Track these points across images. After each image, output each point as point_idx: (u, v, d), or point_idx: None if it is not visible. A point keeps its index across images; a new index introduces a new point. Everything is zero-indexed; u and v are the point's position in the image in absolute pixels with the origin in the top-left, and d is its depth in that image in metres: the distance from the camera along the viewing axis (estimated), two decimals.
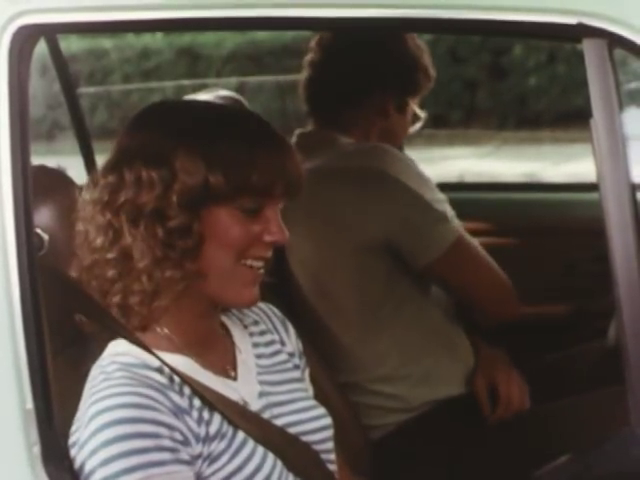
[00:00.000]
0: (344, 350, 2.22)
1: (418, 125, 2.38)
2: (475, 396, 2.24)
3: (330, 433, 1.65)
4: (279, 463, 1.53)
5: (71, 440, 1.46)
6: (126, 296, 1.50)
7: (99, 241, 1.51)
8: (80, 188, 1.92)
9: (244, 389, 1.57)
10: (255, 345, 1.66)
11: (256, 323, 1.70)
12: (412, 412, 2.21)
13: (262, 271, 1.56)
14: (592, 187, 1.37)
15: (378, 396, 2.22)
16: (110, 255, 1.50)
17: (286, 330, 1.73)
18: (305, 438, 1.60)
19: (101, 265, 1.51)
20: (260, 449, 1.51)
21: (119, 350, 1.51)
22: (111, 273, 1.51)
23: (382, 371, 2.22)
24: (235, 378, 1.58)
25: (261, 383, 1.61)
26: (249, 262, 1.54)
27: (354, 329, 2.22)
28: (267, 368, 1.65)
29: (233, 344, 1.63)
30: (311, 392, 1.72)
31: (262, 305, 1.74)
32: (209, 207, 1.50)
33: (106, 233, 1.51)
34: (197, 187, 1.48)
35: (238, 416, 1.51)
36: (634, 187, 1.29)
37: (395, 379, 2.22)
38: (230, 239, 1.51)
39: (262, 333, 1.69)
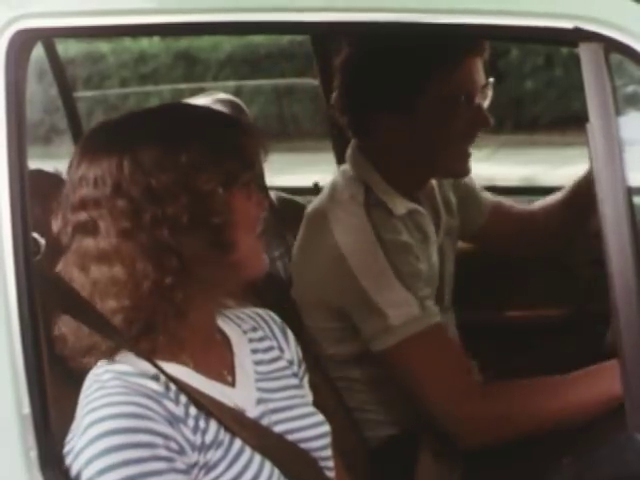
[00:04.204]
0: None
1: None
2: None
3: (328, 440, 1.64)
4: (276, 471, 1.53)
5: (66, 449, 1.45)
6: (184, 310, 1.49)
7: (141, 266, 1.46)
8: None
9: (242, 396, 1.57)
10: (254, 351, 1.65)
11: (255, 329, 1.69)
12: (403, 424, 2.19)
13: None
14: None
15: (365, 411, 2.21)
16: (168, 280, 1.46)
17: (285, 337, 1.73)
18: (303, 445, 1.59)
19: (158, 294, 1.47)
20: (257, 457, 1.51)
21: (114, 358, 1.50)
22: (179, 296, 1.47)
23: (364, 397, 2.20)
24: (233, 384, 1.58)
25: (259, 390, 1.61)
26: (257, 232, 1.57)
27: (328, 360, 2.19)
28: (266, 375, 1.64)
29: (231, 350, 1.62)
30: (310, 399, 1.71)
31: (261, 311, 1.74)
32: (233, 192, 1.52)
33: (147, 257, 1.46)
34: (220, 179, 1.49)
35: (235, 423, 1.50)
36: (630, 191, 1.29)
37: (378, 402, 2.20)
38: (252, 213, 1.54)
39: (261, 339, 1.68)
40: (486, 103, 2.14)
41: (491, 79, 2.15)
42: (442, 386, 2.00)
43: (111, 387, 1.45)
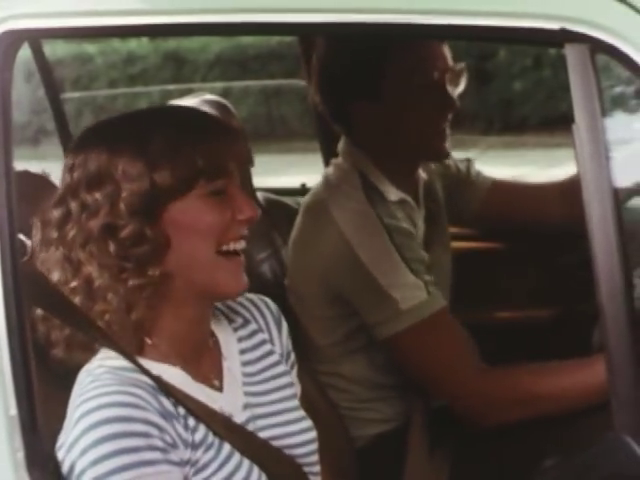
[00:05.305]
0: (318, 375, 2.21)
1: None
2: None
3: (314, 446, 1.64)
4: (264, 477, 1.53)
5: (58, 444, 1.45)
6: (102, 318, 1.48)
7: (57, 276, 1.50)
8: None
9: (229, 401, 1.56)
10: (242, 351, 1.64)
11: (246, 323, 1.67)
12: (391, 423, 2.20)
13: (242, 258, 1.54)
14: None
15: (354, 410, 2.21)
16: (73, 284, 1.48)
17: (279, 328, 1.71)
18: (289, 451, 1.59)
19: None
20: (246, 461, 1.51)
21: (108, 354, 1.49)
22: (77, 300, 1.49)
23: (352, 396, 2.21)
24: (220, 389, 1.57)
25: (246, 394, 1.60)
26: (231, 246, 1.51)
27: (320, 353, 2.20)
28: (254, 375, 1.63)
29: (220, 352, 1.61)
30: (299, 390, 1.70)
31: (256, 299, 1.72)
32: (168, 205, 1.48)
33: (63, 267, 1.50)
34: (145, 191, 1.46)
35: (222, 428, 1.50)
36: (617, 191, 1.29)
37: (367, 401, 2.21)
38: (204, 228, 1.49)
39: (252, 334, 1.67)
40: (459, 88, 2.16)
41: (461, 64, 2.16)
42: (450, 370, 2.02)
43: (106, 379, 1.45)
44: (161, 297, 1.50)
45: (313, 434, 1.64)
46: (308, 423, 1.64)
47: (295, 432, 1.61)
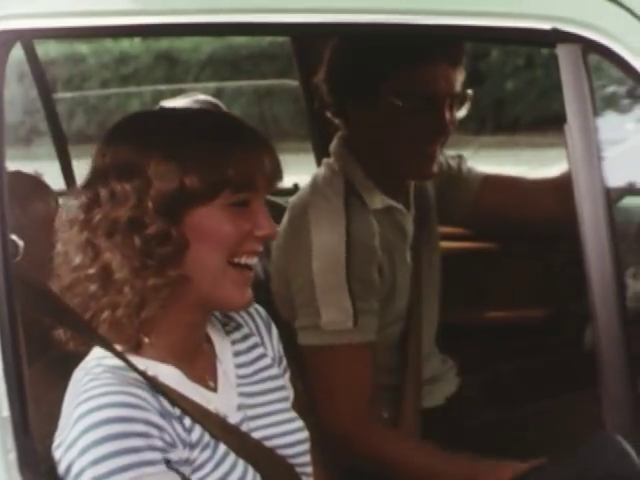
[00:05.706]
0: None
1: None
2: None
3: (306, 447, 1.64)
4: (259, 477, 1.53)
5: (55, 443, 1.45)
6: (113, 310, 1.48)
7: (78, 259, 1.49)
8: (56, 194, 1.92)
9: (223, 401, 1.57)
10: (236, 354, 1.65)
11: (239, 327, 1.68)
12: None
13: (252, 273, 1.55)
14: None
15: None
16: (90, 271, 1.48)
17: (269, 333, 1.72)
18: (281, 451, 1.60)
19: (82, 283, 1.49)
20: (241, 461, 1.52)
21: (105, 353, 1.49)
22: (93, 288, 1.48)
23: None
24: (215, 390, 1.58)
25: (240, 395, 1.61)
26: (243, 260, 1.52)
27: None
28: (247, 378, 1.64)
29: (214, 354, 1.62)
30: (291, 395, 1.71)
31: None
32: (191, 209, 1.48)
33: (84, 251, 1.49)
34: (173, 191, 1.46)
35: (217, 428, 1.51)
36: (608, 191, 1.29)
37: None
38: (221, 237, 1.49)
39: (245, 338, 1.67)
40: (460, 113, 2.14)
41: (469, 91, 2.14)
42: (334, 403, 2.03)
43: (105, 378, 1.45)
44: (171, 299, 1.50)
45: (305, 434, 1.64)
46: (300, 424, 1.65)
47: (285, 432, 1.62)
